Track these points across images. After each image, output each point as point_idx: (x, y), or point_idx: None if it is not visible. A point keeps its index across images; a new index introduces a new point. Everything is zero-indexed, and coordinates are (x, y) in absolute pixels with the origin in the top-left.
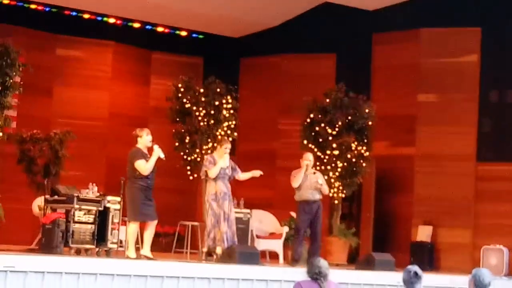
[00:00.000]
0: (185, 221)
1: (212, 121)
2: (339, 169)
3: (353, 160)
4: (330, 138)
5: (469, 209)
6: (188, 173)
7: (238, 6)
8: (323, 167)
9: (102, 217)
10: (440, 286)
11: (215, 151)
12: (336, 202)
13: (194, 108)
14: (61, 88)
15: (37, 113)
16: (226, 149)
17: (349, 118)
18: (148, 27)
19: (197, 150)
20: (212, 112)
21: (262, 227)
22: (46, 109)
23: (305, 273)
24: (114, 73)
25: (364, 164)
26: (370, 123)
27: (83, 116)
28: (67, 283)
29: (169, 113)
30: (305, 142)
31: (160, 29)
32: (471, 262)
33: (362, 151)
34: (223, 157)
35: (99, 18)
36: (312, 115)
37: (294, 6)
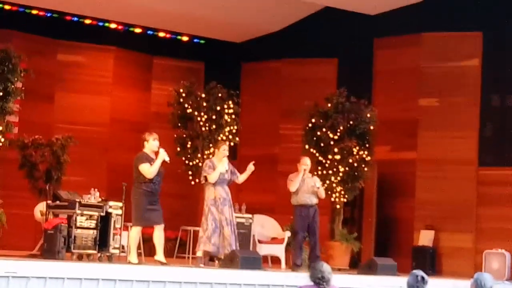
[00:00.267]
0: (187, 226)
1: (214, 126)
2: (340, 174)
3: (355, 164)
4: (331, 142)
5: (471, 214)
6: (190, 178)
7: (239, 11)
8: (324, 172)
9: (104, 223)
10: None
11: (214, 156)
12: (338, 206)
13: (196, 113)
14: (62, 94)
15: (39, 118)
16: (225, 151)
17: (351, 122)
18: (149, 32)
19: (199, 155)
20: (214, 117)
21: (264, 232)
22: (47, 114)
23: (307, 278)
24: (116, 79)
25: (365, 168)
26: (371, 127)
27: (84, 122)
28: None
29: (171, 119)
30: (306, 147)
31: (161, 34)
32: (473, 266)
33: (364, 156)
34: (222, 161)
35: (100, 24)
36: (313, 120)
37: (295, 11)
